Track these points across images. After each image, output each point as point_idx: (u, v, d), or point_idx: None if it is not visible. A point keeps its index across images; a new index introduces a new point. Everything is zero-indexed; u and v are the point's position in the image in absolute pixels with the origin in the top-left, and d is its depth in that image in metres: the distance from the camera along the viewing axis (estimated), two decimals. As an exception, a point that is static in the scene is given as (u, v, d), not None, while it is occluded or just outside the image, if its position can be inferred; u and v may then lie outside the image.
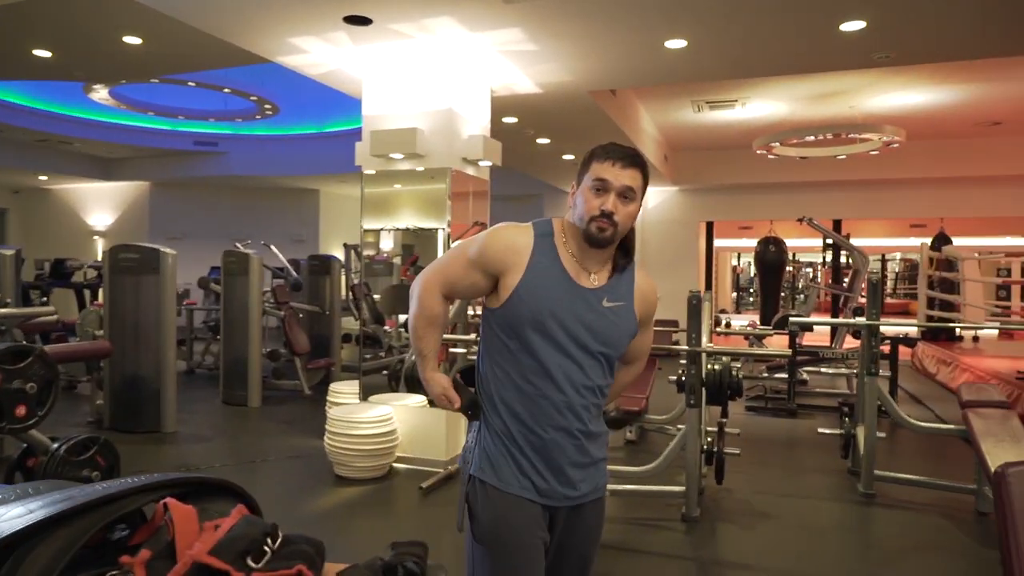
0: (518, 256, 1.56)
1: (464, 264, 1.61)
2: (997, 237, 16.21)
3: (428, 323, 1.65)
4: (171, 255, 5.82)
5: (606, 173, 1.53)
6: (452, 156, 4.77)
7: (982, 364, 7.50)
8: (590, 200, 1.54)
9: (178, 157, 12.75)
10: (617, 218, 1.53)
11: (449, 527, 3.80)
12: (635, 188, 1.54)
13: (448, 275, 1.64)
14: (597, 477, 1.66)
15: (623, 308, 1.60)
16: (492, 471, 1.59)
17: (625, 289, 1.62)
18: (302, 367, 7.43)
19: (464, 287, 1.63)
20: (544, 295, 1.54)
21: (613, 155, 1.54)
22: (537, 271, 1.55)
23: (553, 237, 1.60)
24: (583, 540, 1.68)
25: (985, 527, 3.79)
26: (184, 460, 4.98)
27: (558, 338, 1.54)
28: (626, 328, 1.62)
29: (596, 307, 1.57)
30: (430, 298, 1.64)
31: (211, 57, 5.56)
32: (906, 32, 4.45)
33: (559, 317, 1.54)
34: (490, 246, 1.58)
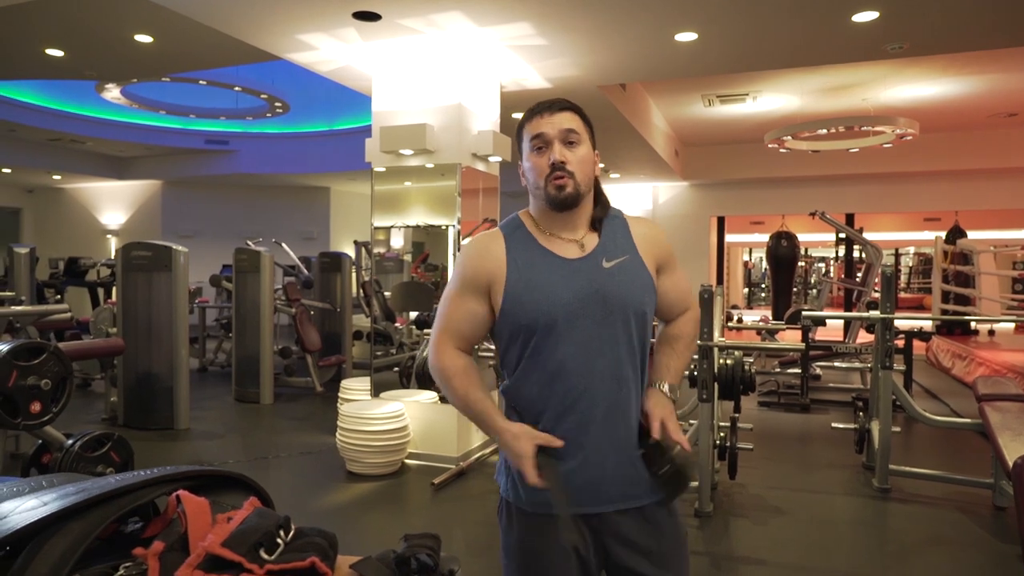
0: (496, 260, 1.43)
1: (454, 300, 1.48)
2: (1013, 230, 16.03)
3: (457, 381, 1.46)
4: (183, 253, 5.85)
5: (540, 127, 1.42)
6: (462, 152, 4.76)
7: (998, 358, 7.41)
8: (537, 162, 1.42)
9: (189, 155, 12.82)
10: (570, 167, 1.40)
11: (460, 523, 3.81)
12: (577, 129, 1.42)
13: (446, 323, 1.49)
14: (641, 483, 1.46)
15: (628, 262, 1.45)
16: (515, 489, 1.47)
17: (622, 242, 1.47)
18: (314, 364, 7.45)
19: (467, 324, 1.47)
20: (537, 285, 1.40)
21: (539, 108, 1.44)
22: (520, 265, 1.43)
23: (524, 227, 1.48)
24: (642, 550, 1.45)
25: (1002, 521, 3.75)
26: (197, 456, 5.01)
27: (569, 324, 1.38)
28: (640, 282, 1.45)
29: (596, 273, 1.42)
30: (444, 359, 1.48)
31: (222, 55, 5.57)
32: (919, 22, 4.40)
33: (561, 301, 1.39)
34: (465, 263, 1.47)
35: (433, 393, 4.95)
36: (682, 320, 1.59)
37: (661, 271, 1.52)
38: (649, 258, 1.48)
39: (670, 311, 1.58)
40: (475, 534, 3.67)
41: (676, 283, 1.56)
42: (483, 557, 3.33)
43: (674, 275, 1.56)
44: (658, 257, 1.51)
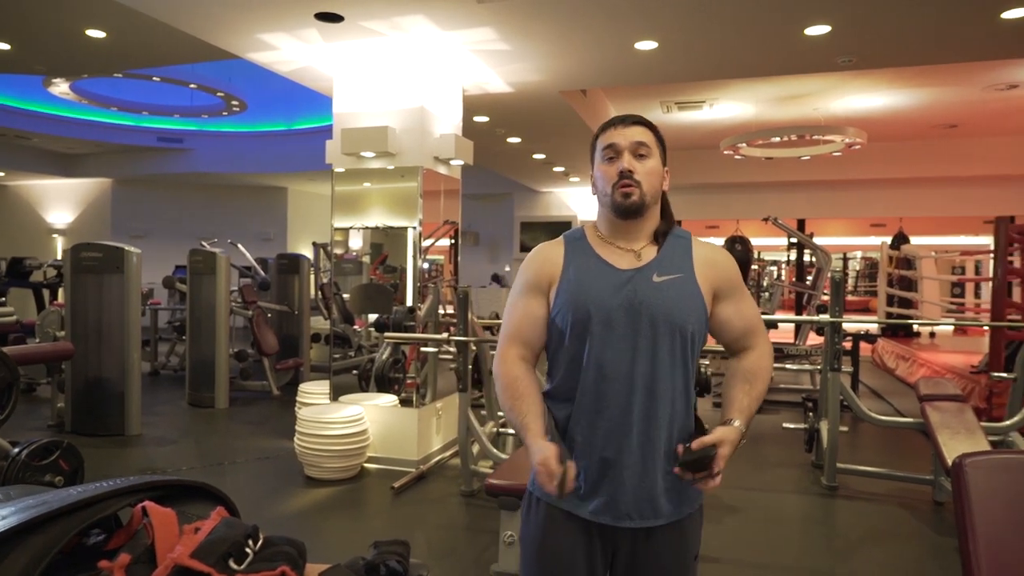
0: (555, 265, 1.51)
1: (518, 304, 1.54)
2: (952, 236, 16.70)
3: (508, 393, 1.49)
4: (135, 254, 5.71)
5: (612, 138, 1.48)
6: (423, 155, 4.76)
7: (938, 359, 7.73)
8: (606, 170, 1.48)
9: (142, 153, 12.49)
10: (638, 176, 1.45)
11: (421, 526, 3.81)
12: (648, 142, 1.48)
13: (510, 329, 1.54)
14: (680, 494, 1.47)
15: (680, 280, 1.45)
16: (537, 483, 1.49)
17: (679, 261, 1.48)
18: (270, 367, 7.35)
19: (528, 326, 1.52)
20: (585, 288, 1.45)
21: (614, 121, 1.50)
22: (574, 271, 1.49)
23: (585, 238, 1.54)
24: (649, 573, 1.47)
25: (941, 516, 3.92)
26: (150, 463, 4.89)
27: (608, 328, 1.42)
28: (689, 301, 1.45)
29: (644, 286, 1.44)
30: (502, 366, 1.52)
31: (178, 52, 5.45)
32: (868, 37, 4.57)
33: (605, 305, 1.43)
34: (529, 266, 1.54)
35: (393, 396, 4.94)
36: (757, 356, 1.55)
37: (721, 298, 1.51)
38: (706, 281, 1.48)
39: (736, 341, 1.56)
40: (437, 537, 3.68)
41: (741, 312, 1.53)
42: (445, 561, 3.34)
43: (739, 304, 1.53)
44: (717, 281, 1.50)
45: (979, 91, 7.54)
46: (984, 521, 1.34)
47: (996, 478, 1.35)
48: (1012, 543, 1.34)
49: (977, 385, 6.27)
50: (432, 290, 5.23)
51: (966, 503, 1.34)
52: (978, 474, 1.33)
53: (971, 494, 1.33)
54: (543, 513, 1.51)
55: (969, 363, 7.13)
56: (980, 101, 7.94)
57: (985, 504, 1.34)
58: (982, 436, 3.84)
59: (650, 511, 1.44)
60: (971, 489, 1.33)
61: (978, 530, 1.33)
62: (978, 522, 1.33)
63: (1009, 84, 7.27)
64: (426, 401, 4.91)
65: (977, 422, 3.97)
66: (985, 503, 1.34)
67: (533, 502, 1.54)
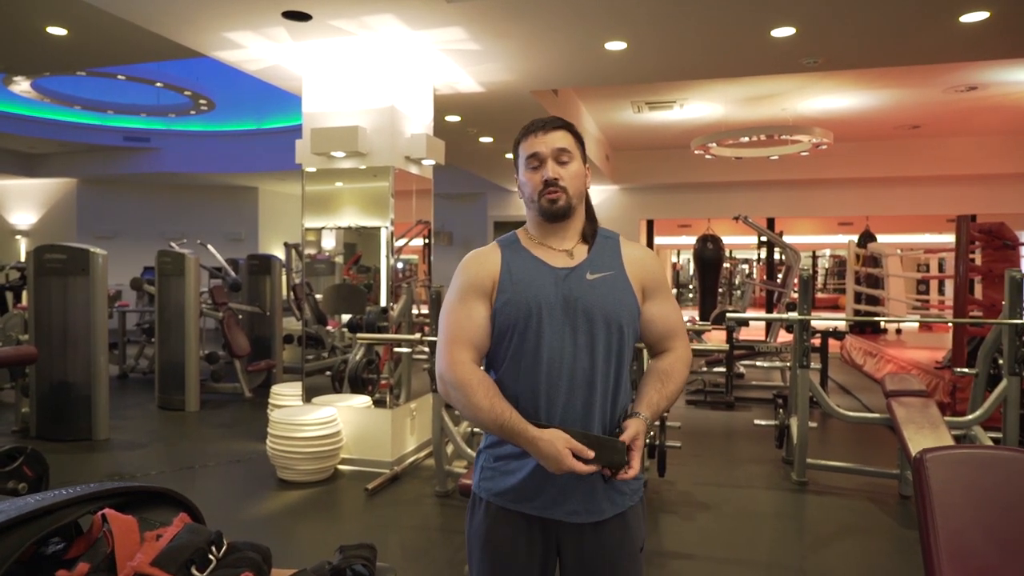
0: (493, 267, 1.53)
1: (458, 308, 1.53)
2: (917, 234, 17.06)
3: (480, 395, 1.45)
4: (101, 255, 5.60)
5: (535, 146, 1.51)
6: (395, 155, 4.74)
7: (904, 355, 7.90)
8: (532, 178, 1.53)
9: (107, 153, 12.25)
10: (563, 183, 1.50)
11: (395, 528, 3.80)
12: (569, 147, 1.52)
13: (454, 333, 1.51)
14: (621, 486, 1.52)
15: (612, 277, 1.52)
16: (488, 483, 1.55)
17: (609, 259, 1.55)
18: (242, 369, 7.26)
19: (473, 329, 1.50)
20: (525, 286, 1.49)
21: (534, 127, 1.54)
22: (510, 271, 1.52)
23: (519, 241, 1.58)
24: (596, 565, 1.51)
25: (907, 509, 4.01)
26: (117, 468, 4.80)
27: (549, 324, 1.47)
28: (620, 297, 1.51)
29: (578, 283, 1.50)
30: (460, 371, 1.47)
31: (142, 51, 5.35)
32: (832, 39, 4.65)
33: (544, 301, 1.48)
34: (467, 270, 1.55)
35: (366, 397, 4.91)
36: (674, 359, 1.59)
37: (648, 296, 1.57)
38: (635, 279, 1.55)
39: (658, 343, 1.61)
40: (410, 539, 3.66)
41: (664, 312, 1.59)
42: (419, 562, 3.33)
43: (663, 304, 1.59)
44: (644, 279, 1.57)
45: (940, 92, 7.72)
46: (944, 515, 1.37)
47: (956, 472, 1.38)
48: (972, 536, 1.37)
49: (941, 380, 6.42)
50: (405, 290, 5.21)
51: (928, 497, 1.37)
52: (939, 469, 1.36)
53: (932, 488, 1.36)
54: (486, 511, 1.55)
55: (934, 359, 7.29)
56: (942, 102, 8.12)
57: (945, 498, 1.37)
58: (946, 431, 3.92)
59: (593, 504, 1.49)
60: (931, 483, 1.36)
61: (938, 524, 1.36)
62: (938, 516, 1.36)
63: (969, 86, 7.45)
64: (400, 402, 4.89)
65: (941, 417, 4.06)
66: (945, 497, 1.37)
67: (477, 501, 1.58)
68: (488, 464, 1.57)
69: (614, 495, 1.52)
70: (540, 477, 1.48)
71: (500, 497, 1.54)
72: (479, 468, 1.60)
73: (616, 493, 1.52)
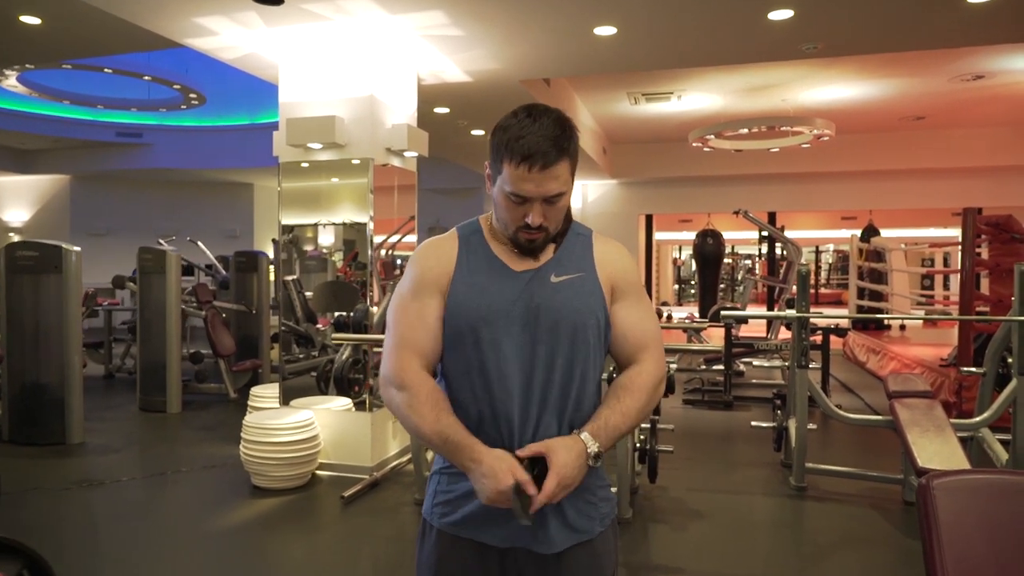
0: (448, 262, 1.35)
1: (409, 306, 1.34)
2: (922, 228, 16.82)
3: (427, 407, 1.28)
4: (74, 252, 5.40)
5: (523, 185, 1.23)
6: (375, 146, 4.53)
7: (908, 352, 7.67)
8: (510, 210, 1.28)
9: (100, 149, 12.11)
10: (547, 223, 1.29)
11: (369, 539, 3.60)
12: (563, 187, 1.27)
13: (402, 336, 1.33)
14: (582, 513, 1.34)
15: (579, 280, 1.33)
16: (440, 512, 1.38)
17: (579, 259, 1.36)
18: (227, 369, 7.07)
19: (424, 332, 1.32)
20: (478, 290, 1.32)
21: (529, 157, 1.22)
22: (466, 269, 1.34)
23: (481, 232, 1.39)
24: None
25: (911, 517, 3.80)
26: (87, 474, 4.61)
27: (505, 333, 1.29)
28: (587, 300, 1.33)
29: (540, 287, 1.31)
30: (406, 377, 1.30)
31: (118, 40, 5.15)
32: (832, 23, 4.44)
33: (499, 309, 1.30)
34: (419, 263, 1.37)
35: (347, 400, 4.72)
36: (637, 371, 1.36)
37: (617, 297, 1.37)
38: (608, 278, 1.37)
39: (623, 350, 1.38)
40: (384, 551, 3.47)
41: (632, 318, 1.37)
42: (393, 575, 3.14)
43: (633, 308, 1.38)
44: (614, 279, 1.37)
45: (945, 82, 7.49)
46: (954, 547, 1.17)
47: (968, 502, 1.18)
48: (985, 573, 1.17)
49: (947, 379, 6.20)
50: (392, 287, 5.02)
51: (934, 527, 1.17)
52: (948, 498, 1.16)
53: (940, 518, 1.16)
54: (438, 539, 1.38)
55: (939, 356, 7.07)
56: (947, 92, 7.89)
57: (956, 531, 1.17)
58: (952, 434, 3.72)
59: (553, 532, 1.31)
60: (940, 512, 1.16)
61: (947, 558, 1.16)
62: (947, 548, 1.16)
63: (975, 75, 7.23)
64: (381, 405, 4.69)
65: (947, 419, 3.85)
66: (956, 530, 1.17)
67: (427, 529, 1.41)
68: (442, 488, 1.39)
69: (579, 521, 1.34)
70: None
71: (454, 526, 1.37)
72: (431, 492, 1.42)
73: (582, 518, 1.35)
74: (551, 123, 1.24)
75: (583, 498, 1.34)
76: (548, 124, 1.24)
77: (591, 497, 1.36)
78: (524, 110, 1.27)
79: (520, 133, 1.23)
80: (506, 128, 1.26)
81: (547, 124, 1.24)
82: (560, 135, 1.24)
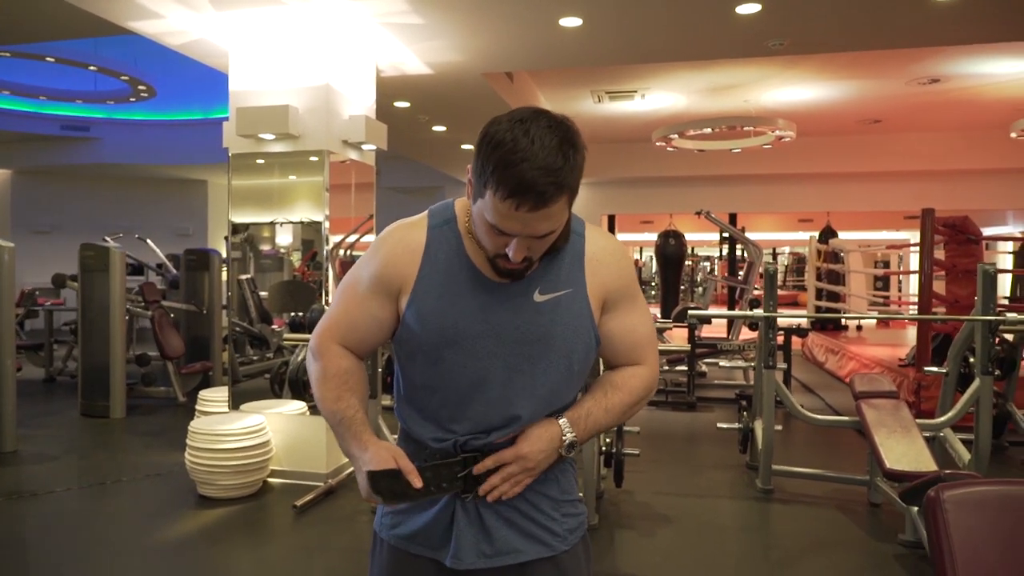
0: (411, 260, 1.16)
1: (356, 298, 1.20)
2: (875, 231, 17.21)
3: (333, 383, 1.20)
4: (7, 249, 5.07)
5: (507, 223, 1.02)
6: (330, 138, 4.33)
7: (866, 352, 7.75)
8: (490, 237, 1.08)
9: (44, 142, 11.58)
10: (532, 254, 1.09)
11: (322, 550, 3.41)
12: (555, 224, 1.06)
13: (339, 319, 1.22)
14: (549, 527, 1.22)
15: (568, 297, 1.15)
16: (390, 524, 1.26)
17: (568, 270, 1.16)
18: (175, 372, 6.76)
19: (364, 327, 1.20)
20: (446, 304, 1.13)
21: (517, 195, 0.98)
22: (435, 271, 1.15)
23: (454, 224, 1.18)
24: None
25: (878, 519, 3.77)
26: (19, 485, 4.30)
27: (474, 359, 1.13)
28: (576, 325, 1.15)
29: (523, 306, 1.13)
30: (325, 353, 1.22)
31: (57, 24, 4.84)
32: (799, 18, 4.40)
33: (469, 332, 1.13)
34: (378, 254, 1.18)
35: (301, 404, 4.50)
36: (630, 373, 1.24)
37: (609, 308, 1.20)
38: (596, 292, 1.18)
39: (614, 358, 1.25)
40: (339, 564, 3.28)
41: (626, 328, 1.22)
42: (344, 592, 2.96)
43: (626, 317, 1.22)
44: (606, 289, 1.19)
45: (902, 85, 7.58)
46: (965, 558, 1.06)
47: (976, 512, 1.07)
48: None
49: (905, 378, 6.25)
50: (349, 286, 4.81)
51: (946, 542, 1.06)
52: (958, 509, 1.05)
53: (951, 533, 1.05)
54: (390, 555, 1.26)
55: (896, 356, 7.14)
56: (903, 95, 8.00)
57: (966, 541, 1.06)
58: (918, 434, 3.69)
59: (513, 550, 1.19)
60: (952, 527, 1.05)
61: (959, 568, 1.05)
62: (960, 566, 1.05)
63: (931, 78, 7.32)
64: (337, 408, 4.49)
65: (913, 420, 3.83)
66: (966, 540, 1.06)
67: (379, 543, 1.30)
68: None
69: (539, 532, 1.20)
70: (449, 514, 1.19)
71: (405, 540, 1.24)
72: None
73: (541, 531, 1.21)
74: (553, 148, 0.99)
75: (546, 504, 1.22)
76: (549, 150, 0.98)
77: (555, 506, 1.23)
78: (521, 121, 1.01)
79: (511, 158, 0.98)
80: (496, 144, 1.00)
81: (548, 149, 0.98)
82: (562, 166, 0.99)
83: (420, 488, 1.08)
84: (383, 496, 1.09)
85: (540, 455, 1.14)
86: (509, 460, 1.13)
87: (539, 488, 1.20)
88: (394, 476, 1.08)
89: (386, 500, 1.11)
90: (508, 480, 1.14)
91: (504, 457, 1.13)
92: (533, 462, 1.14)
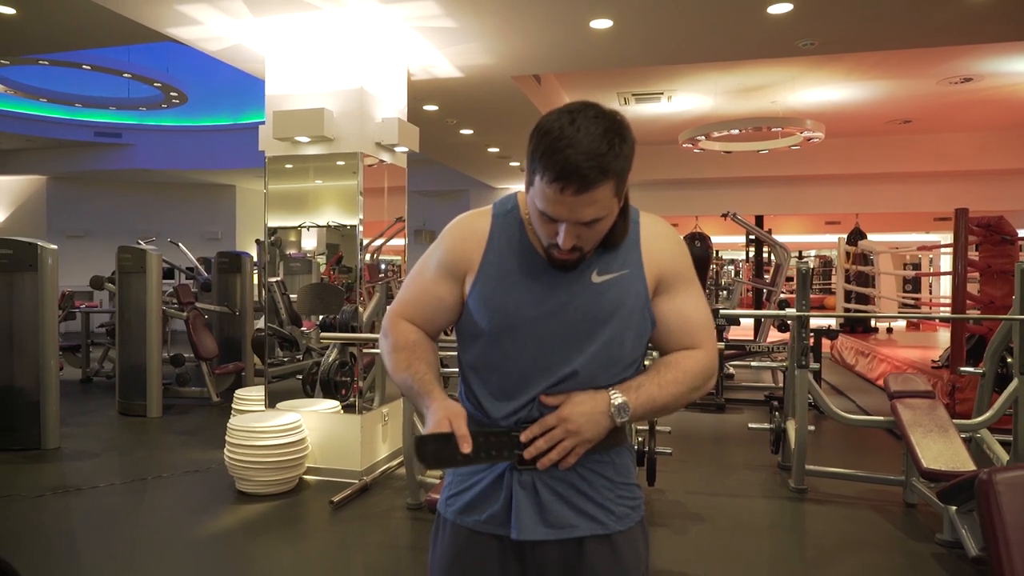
0: (476, 247, 1.22)
1: (424, 282, 1.29)
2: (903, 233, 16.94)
3: (403, 354, 1.27)
4: (51, 251, 5.22)
5: (554, 207, 1.08)
6: (364, 140, 4.40)
7: (898, 355, 7.65)
8: (542, 225, 1.14)
9: (78, 149, 11.87)
10: (581, 244, 1.14)
11: (360, 545, 3.47)
12: (602, 212, 1.10)
13: (408, 302, 1.31)
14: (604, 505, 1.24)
15: (625, 278, 1.19)
16: (456, 499, 1.31)
17: (625, 252, 1.20)
18: (209, 372, 6.89)
19: (431, 309, 1.28)
20: (508, 288, 1.20)
21: (562, 179, 1.04)
22: (498, 258, 1.21)
23: (518, 210, 1.24)
24: None
25: (914, 519, 3.73)
26: (64, 480, 4.43)
27: (534, 339, 1.19)
28: (632, 306, 1.19)
29: (581, 288, 1.19)
30: (394, 330, 1.30)
31: (98, 31, 4.98)
32: (830, 18, 4.39)
33: (528, 315, 1.18)
34: (447, 241, 1.27)
35: (335, 402, 4.57)
36: (686, 355, 1.25)
37: (661, 290, 1.23)
38: (652, 273, 1.22)
39: (668, 344, 1.26)
40: (376, 559, 3.33)
41: (680, 311, 1.24)
42: (383, 585, 3.01)
43: (680, 300, 1.24)
44: (661, 271, 1.22)
45: (934, 84, 7.50)
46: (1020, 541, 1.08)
47: None
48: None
49: (939, 380, 6.17)
50: (380, 288, 4.89)
51: (999, 523, 1.08)
52: (1011, 492, 1.07)
53: (1004, 514, 1.07)
54: (454, 534, 1.30)
55: (928, 358, 7.05)
56: (934, 95, 7.92)
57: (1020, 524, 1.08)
58: (955, 434, 3.66)
59: (568, 524, 1.22)
60: (1004, 508, 1.07)
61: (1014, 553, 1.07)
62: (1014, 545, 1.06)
63: (963, 77, 7.24)
64: (371, 407, 4.56)
65: (949, 419, 3.79)
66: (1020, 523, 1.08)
67: (442, 523, 1.33)
68: (457, 478, 1.31)
69: (593, 510, 1.23)
70: (508, 491, 1.22)
71: (467, 517, 1.28)
72: (447, 483, 1.35)
73: (595, 508, 1.23)
74: (598, 136, 1.03)
75: (601, 483, 1.24)
76: (594, 137, 1.03)
77: (611, 486, 1.25)
78: (569, 112, 1.06)
79: (557, 145, 1.04)
80: (545, 132, 1.06)
81: (592, 136, 1.03)
82: (606, 152, 1.04)
83: (468, 454, 1.10)
84: (425, 461, 1.12)
85: (582, 418, 1.15)
86: (553, 424, 1.16)
87: (595, 467, 1.24)
88: (444, 440, 1.10)
89: (429, 465, 1.14)
90: (552, 443, 1.16)
91: (548, 422, 1.16)
92: (575, 424, 1.15)
